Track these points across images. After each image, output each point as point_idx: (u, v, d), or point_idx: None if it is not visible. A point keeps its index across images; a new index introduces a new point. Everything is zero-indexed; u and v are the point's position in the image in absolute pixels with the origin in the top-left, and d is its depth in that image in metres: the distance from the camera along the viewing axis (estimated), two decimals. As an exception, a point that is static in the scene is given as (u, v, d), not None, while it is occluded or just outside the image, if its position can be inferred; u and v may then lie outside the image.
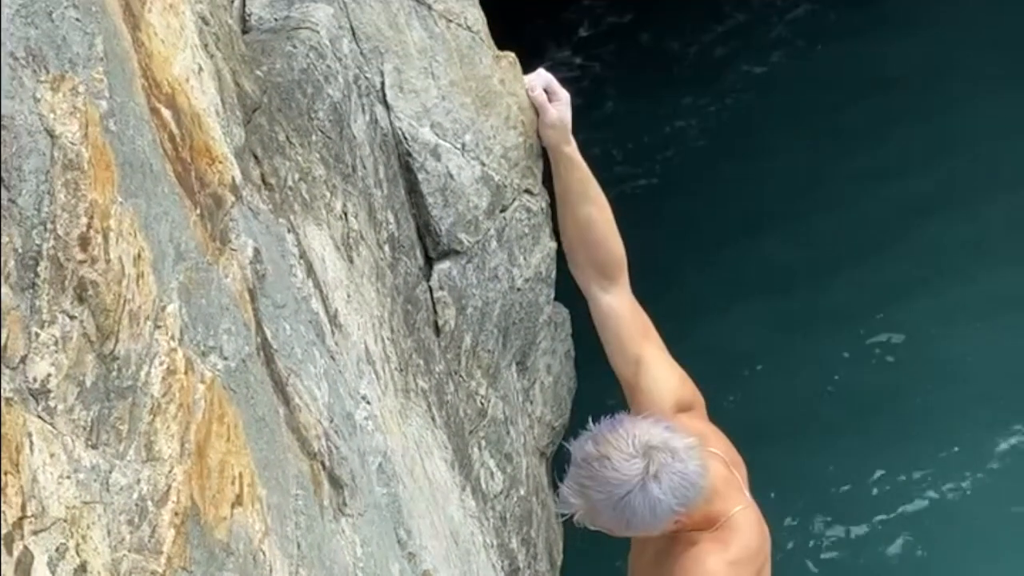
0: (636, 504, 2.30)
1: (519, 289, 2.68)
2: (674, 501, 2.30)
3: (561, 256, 2.80)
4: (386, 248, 2.19)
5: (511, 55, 2.50)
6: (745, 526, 2.46)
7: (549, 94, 2.54)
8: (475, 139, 2.44)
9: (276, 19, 2.07)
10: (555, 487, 2.50)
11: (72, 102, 1.19)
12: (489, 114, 2.45)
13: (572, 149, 2.50)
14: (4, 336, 1.12)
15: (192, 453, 1.28)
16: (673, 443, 2.29)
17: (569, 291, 2.92)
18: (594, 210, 2.51)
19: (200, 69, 1.56)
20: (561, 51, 7.14)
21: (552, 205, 2.71)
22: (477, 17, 2.41)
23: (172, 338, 1.30)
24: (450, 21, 2.35)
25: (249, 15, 2.09)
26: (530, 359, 2.82)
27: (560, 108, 2.52)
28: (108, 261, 1.20)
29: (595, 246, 2.53)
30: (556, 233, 2.76)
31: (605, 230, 2.52)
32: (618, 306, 2.55)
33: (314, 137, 1.95)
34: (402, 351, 2.19)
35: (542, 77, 2.56)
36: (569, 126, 2.50)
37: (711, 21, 7.20)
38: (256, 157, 1.74)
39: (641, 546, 2.61)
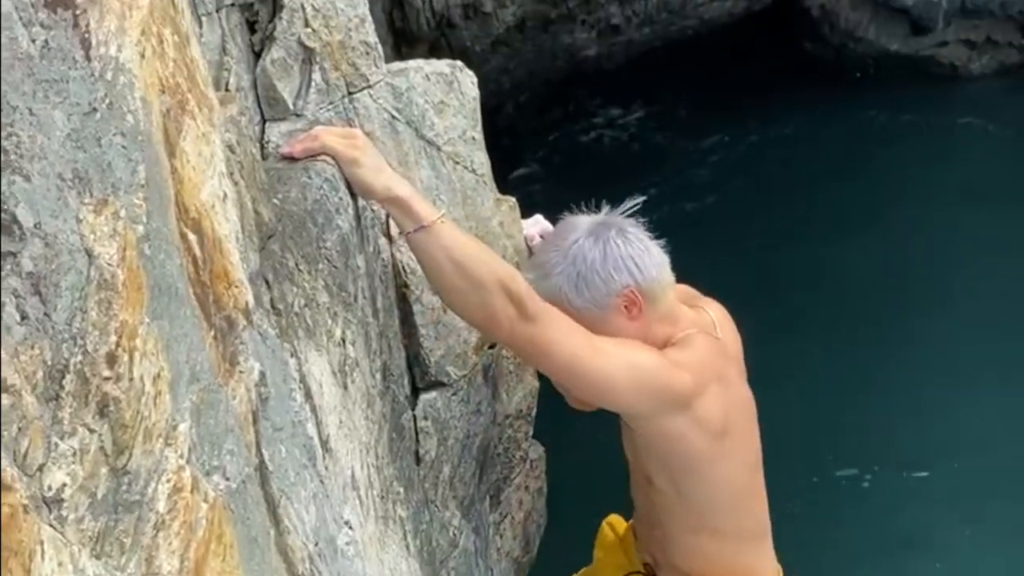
0: (587, 249, 2.44)
1: (499, 424, 2.73)
2: (627, 253, 2.43)
3: (541, 394, 2.87)
4: (378, 376, 2.24)
5: (511, 200, 2.60)
6: (696, 343, 2.49)
7: None
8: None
9: (293, 148, 2.15)
10: None
11: (113, 225, 1.25)
12: (486, 253, 2.53)
13: None
14: (25, 444, 1.16)
15: (190, 571, 1.31)
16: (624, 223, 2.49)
17: (546, 429, 2.98)
18: None
19: (225, 196, 1.63)
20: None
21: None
22: (483, 161, 2.50)
23: (181, 456, 1.34)
24: (457, 163, 2.44)
25: (267, 142, 2.18)
26: (504, 493, 2.86)
27: None
28: (131, 379, 1.25)
29: None
30: (540, 372, 2.82)
31: None
32: None
33: (321, 265, 2.02)
34: (385, 478, 2.22)
35: (540, 224, 2.66)
36: None
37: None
38: (267, 282, 1.80)
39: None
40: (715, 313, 2.63)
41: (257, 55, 2.20)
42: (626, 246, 2.45)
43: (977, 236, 6.72)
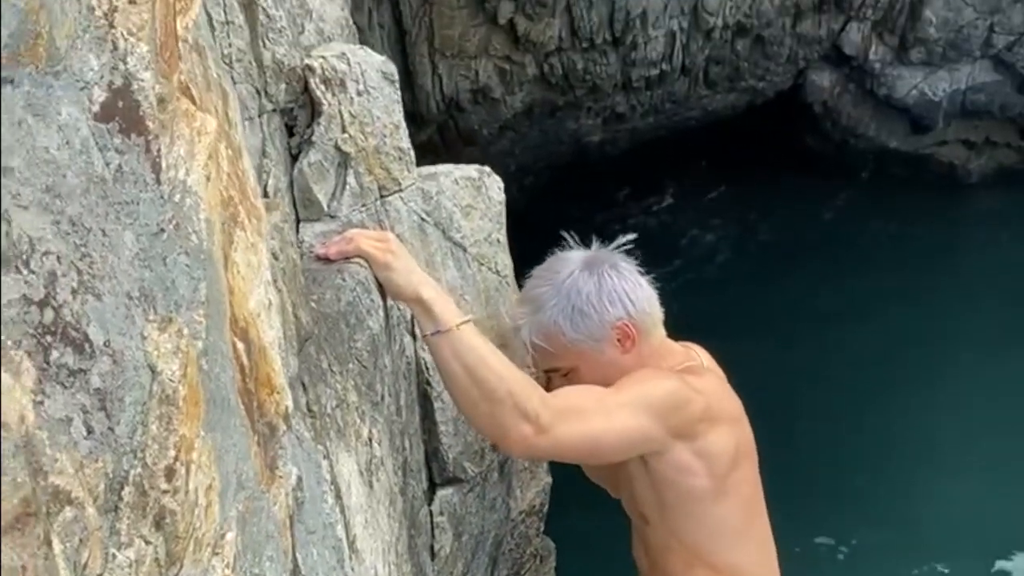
0: (581, 282, 2.47)
1: (513, 520, 2.76)
2: (621, 287, 2.46)
3: (553, 490, 2.90)
4: (400, 473, 2.28)
5: (533, 299, 2.65)
6: (707, 377, 2.51)
7: None
8: (491, 374, 2.56)
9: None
10: None
11: (176, 343, 1.30)
12: (504, 353, 2.58)
13: None
14: (85, 556, 1.19)
15: None
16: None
17: (556, 524, 3.00)
18: None
19: (270, 304, 1.68)
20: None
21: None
22: (506, 263, 2.56)
23: (227, 566, 1.37)
24: (481, 264, 2.50)
25: (301, 242, 2.23)
26: (513, 588, 2.88)
27: None
28: (187, 492, 1.29)
29: None
30: (552, 468, 2.86)
31: None
32: None
33: (351, 365, 2.06)
34: (403, 575, 2.25)
35: None
36: None
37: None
38: (304, 385, 1.85)
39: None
40: (701, 352, 2.69)
41: (294, 158, 2.26)
42: (620, 280, 2.51)
43: (971, 334, 6.80)
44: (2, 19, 1.17)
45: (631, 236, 2.58)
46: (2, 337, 1.15)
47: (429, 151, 7.28)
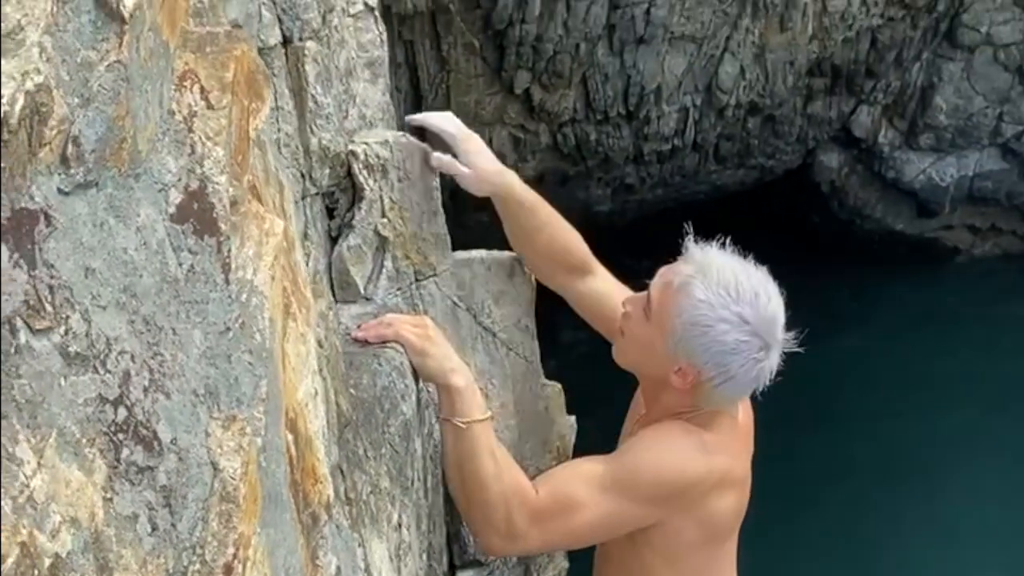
0: (734, 329, 2.31)
1: (528, 604, 2.76)
2: (742, 371, 2.33)
3: (571, 573, 2.90)
4: (424, 557, 2.29)
5: (557, 385, 2.68)
6: (724, 425, 2.44)
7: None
8: (515, 459, 2.58)
9: (362, 332, 2.23)
10: None
11: (239, 441, 1.33)
12: (529, 438, 2.61)
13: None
14: (143, 650, 1.21)
15: None
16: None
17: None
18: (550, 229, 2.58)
19: (316, 393, 1.71)
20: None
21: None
22: (534, 349, 2.60)
23: (274, 660, 1.39)
24: (510, 350, 2.53)
25: (339, 325, 2.26)
26: (527, 670, 2.88)
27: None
28: (243, 589, 1.31)
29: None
30: (569, 553, 2.87)
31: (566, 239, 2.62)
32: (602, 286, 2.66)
33: (384, 450, 2.09)
34: (423, 661, 2.26)
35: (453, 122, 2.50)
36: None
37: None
38: (342, 472, 1.87)
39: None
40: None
41: (333, 240, 2.30)
42: (751, 370, 2.35)
43: (976, 422, 6.83)
44: (91, 126, 1.20)
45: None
46: (77, 435, 1.18)
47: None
